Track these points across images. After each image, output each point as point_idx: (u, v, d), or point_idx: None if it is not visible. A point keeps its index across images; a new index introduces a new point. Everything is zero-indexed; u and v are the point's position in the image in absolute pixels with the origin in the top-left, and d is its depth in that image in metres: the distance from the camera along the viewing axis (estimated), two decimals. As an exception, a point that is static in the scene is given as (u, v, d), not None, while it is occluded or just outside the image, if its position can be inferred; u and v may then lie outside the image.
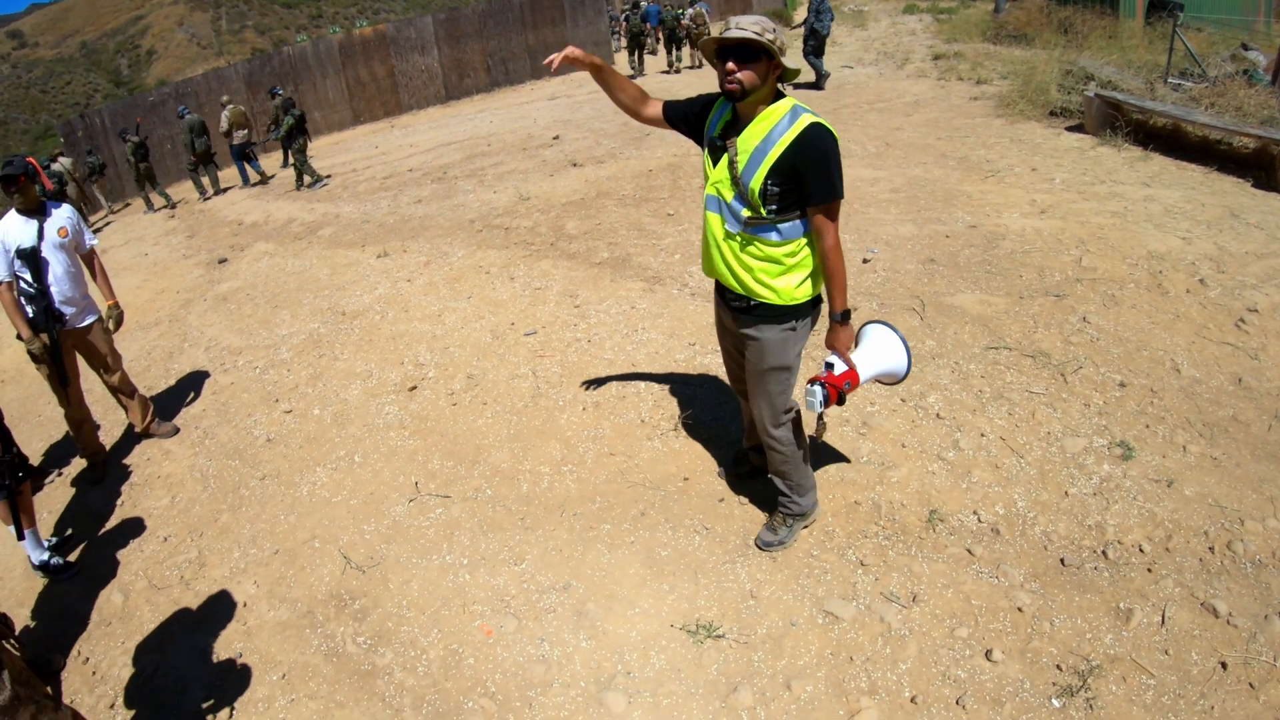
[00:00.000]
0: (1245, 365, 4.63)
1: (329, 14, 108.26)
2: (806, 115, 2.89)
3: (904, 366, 3.43)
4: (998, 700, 2.90)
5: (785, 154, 2.86)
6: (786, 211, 2.97)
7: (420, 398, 5.43)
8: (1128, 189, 7.33)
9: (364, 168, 14.08)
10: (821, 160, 2.86)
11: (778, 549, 3.67)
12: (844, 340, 3.23)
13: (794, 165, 2.87)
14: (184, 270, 10.02)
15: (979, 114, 10.92)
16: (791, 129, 2.86)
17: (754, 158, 2.92)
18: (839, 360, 3.24)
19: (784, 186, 2.91)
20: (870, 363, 3.35)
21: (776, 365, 3.27)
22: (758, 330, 3.23)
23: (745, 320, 3.26)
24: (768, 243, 3.05)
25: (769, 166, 2.89)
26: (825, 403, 3.14)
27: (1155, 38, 13.14)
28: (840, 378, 3.19)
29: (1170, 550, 3.43)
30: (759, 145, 2.91)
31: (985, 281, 5.86)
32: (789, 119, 2.89)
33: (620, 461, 4.46)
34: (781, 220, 2.99)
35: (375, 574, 3.91)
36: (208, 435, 5.51)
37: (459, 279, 7.36)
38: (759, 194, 2.93)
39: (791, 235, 3.02)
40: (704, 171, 3.19)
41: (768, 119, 2.92)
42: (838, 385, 3.16)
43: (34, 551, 4.29)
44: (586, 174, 10.16)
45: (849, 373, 3.22)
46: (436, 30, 21.33)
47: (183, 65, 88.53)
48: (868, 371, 3.33)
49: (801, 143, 2.85)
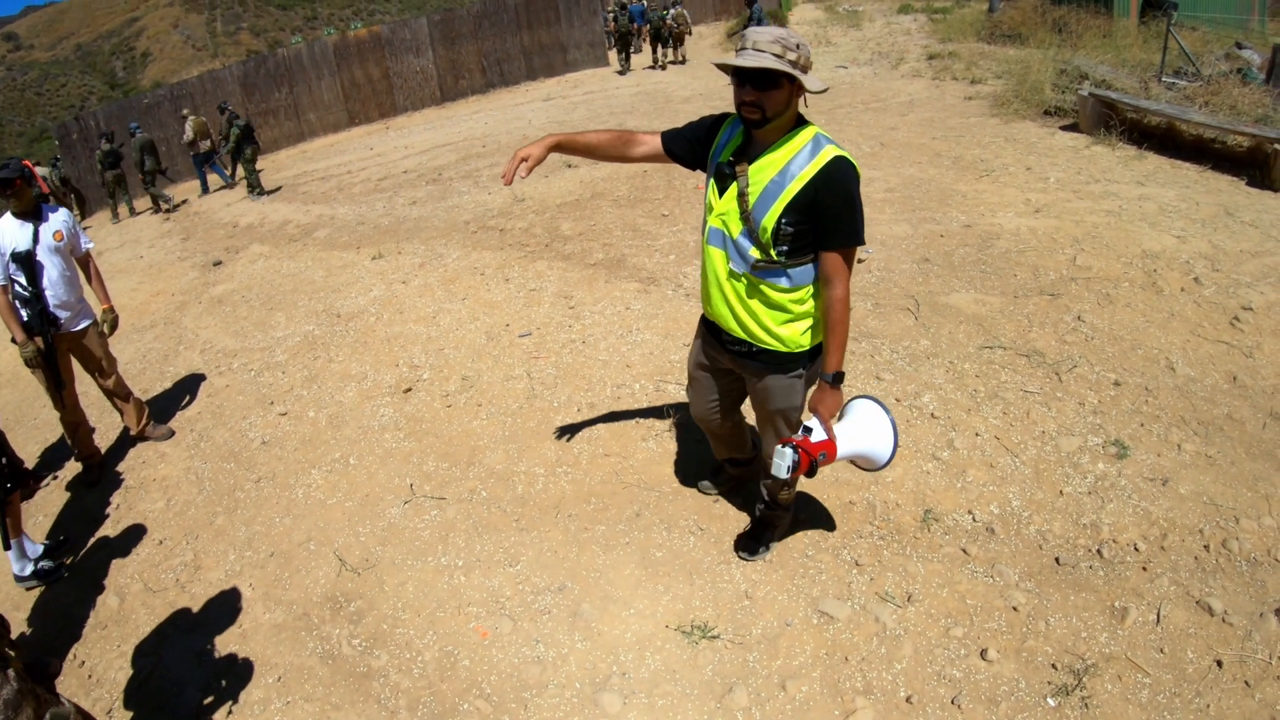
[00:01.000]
0: (1240, 363, 4.64)
1: (324, 16, 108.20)
2: (831, 147, 2.61)
3: (887, 455, 3.05)
4: (993, 699, 2.90)
5: (805, 190, 2.58)
6: (799, 255, 2.70)
7: (415, 400, 5.42)
8: (1122, 188, 7.34)
9: (359, 169, 14.08)
10: (846, 199, 2.60)
11: (756, 559, 3.62)
12: (830, 406, 2.89)
13: (813, 203, 2.59)
14: (179, 272, 10.00)
15: (974, 113, 10.93)
16: (813, 162, 2.59)
17: (768, 191, 2.64)
18: (819, 427, 2.89)
19: (799, 226, 2.63)
20: (852, 440, 2.99)
21: (784, 408, 3.07)
22: (762, 380, 3.02)
23: (748, 366, 3.03)
24: (776, 288, 2.77)
25: (785, 203, 2.60)
26: (794, 469, 2.78)
27: (1149, 37, 13.13)
28: (817, 446, 2.85)
29: (1165, 549, 3.43)
30: (775, 178, 2.63)
31: (980, 281, 5.87)
32: (810, 150, 2.61)
33: (615, 462, 4.45)
34: (793, 265, 2.72)
35: (370, 576, 3.91)
36: (203, 438, 5.50)
37: (454, 280, 7.36)
38: (771, 233, 2.65)
39: (801, 281, 2.76)
40: (706, 200, 2.90)
41: (787, 148, 2.64)
42: (811, 454, 2.81)
43: (16, 563, 4.25)
44: (581, 175, 10.16)
45: (827, 443, 2.88)
46: (431, 32, 21.33)
47: (178, 67, 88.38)
48: (847, 448, 2.97)
49: (824, 179, 2.58)
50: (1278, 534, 3.43)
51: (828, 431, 2.89)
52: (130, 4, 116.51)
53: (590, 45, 23.12)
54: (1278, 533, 3.44)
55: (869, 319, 5.49)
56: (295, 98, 20.11)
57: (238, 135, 14.47)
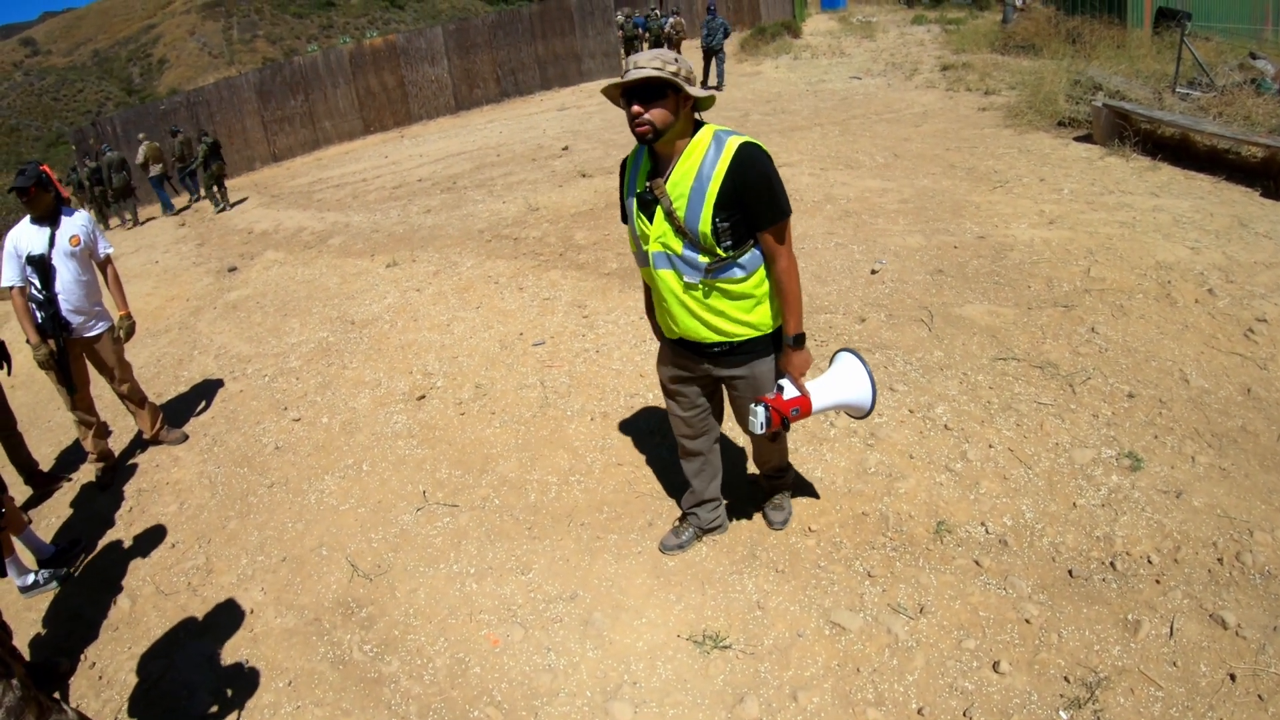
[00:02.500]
0: (1254, 375, 4.62)
1: (340, 24, 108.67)
2: (734, 138, 2.77)
3: (867, 400, 3.21)
4: (1005, 712, 2.89)
5: (724, 184, 2.73)
6: (741, 244, 2.86)
7: (428, 407, 5.44)
8: (1136, 199, 7.31)
9: (374, 177, 14.16)
10: (763, 180, 2.76)
11: (790, 517, 3.89)
12: (797, 365, 3.08)
13: (735, 193, 2.74)
14: (194, 278, 10.07)
15: (987, 124, 10.92)
16: (723, 157, 2.74)
17: (693, 199, 2.77)
18: (790, 384, 3.09)
19: (732, 219, 2.78)
20: (828, 392, 3.17)
21: None
22: (746, 369, 3.13)
23: (732, 362, 3.14)
24: (732, 281, 2.92)
25: (712, 203, 2.75)
26: (767, 425, 3.00)
27: (1163, 47, 13.11)
28: (788, 403, 3.05)
29: (1179, 561, 3.41)
30: (694, 185, 2.77)
31: (994, 292, 5.86)
32: (715, 147, 2.77)
33: (628, 472, 4.46)
34: (740, 254, 2.87)
35: (382, 582, 3.92)
36: (216, 442, 5.53)
37: (468, 289, 7.39)
38: (711, 235, 2.79)
39: (753, 266, 2.91)
40: (636, 234, 3.04)
41: (693, 154, 2.79)
42: (783, 411, 3.03)
43: (16, 577, 4.27)
44: (596, 184, 10.19)
45: (800, 399, 3.07)
46: (446, 41, 21.45)
47: (194, 74, 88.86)
48: (824, 400, 3.15)
49: (737, 168, 2.73)
50: (1292, 548, 3.41)
51: (799, 388, 3.08)
52: (147, 11, 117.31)
53: (605, 55, 23.22)
54: (1293, 547, 3.42)
55: (882, 330, 5.48)
56: (311, 105, 20.23)
57: (205, 152, 15.21)
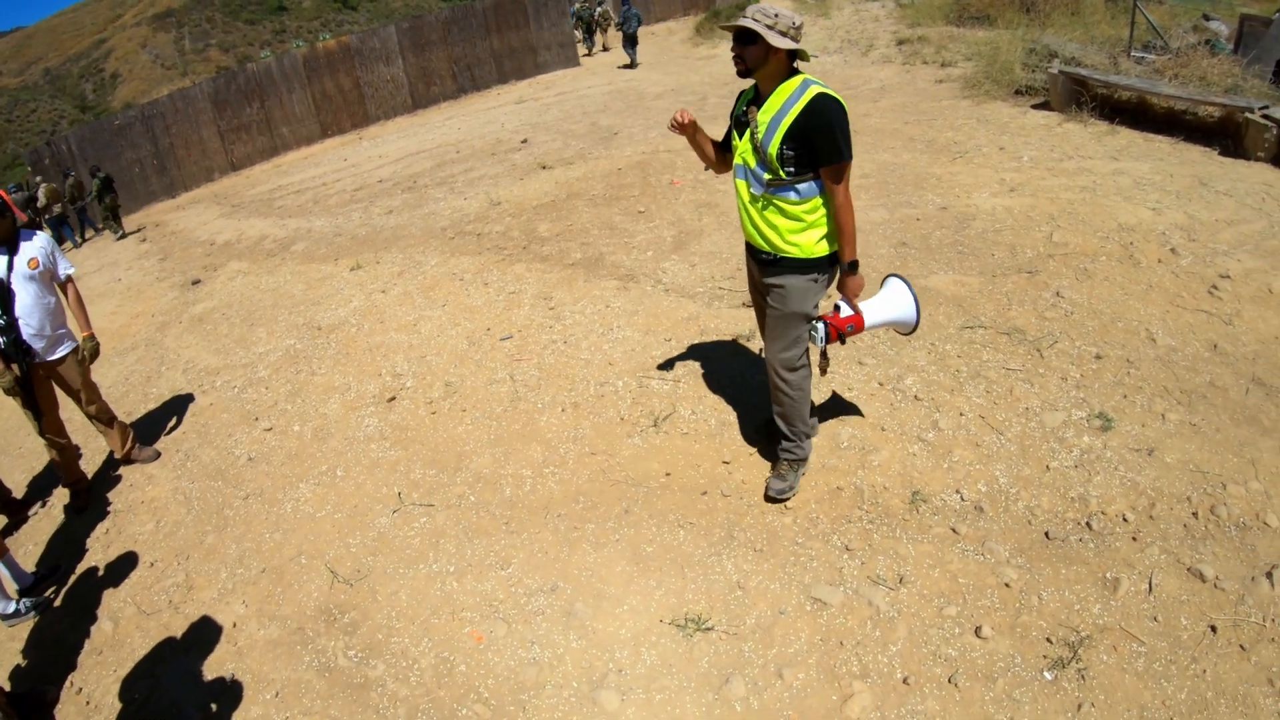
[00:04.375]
0: (1220, 331, 4.67)
1: (292, 29, 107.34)
2: (815, 86, 3.23)
3: (912, 316, 3.66)
4: (990, 676, 2.92)
5: (797, 121, 3.20)
6: (802, 173, 3.30)
7: (400, 408, 5.41)
8: (1096, 163, 7.37)
9: (334, 181, 14.00)
10: (827, 126, 3.18)
11: (788, 494, 3.92)
12: (852, 287, 3.53)
13: (804, 131, 3.20)
14: (158, 293, 9.94)
15: (945, 96, 10.97)
16: (801, 99, 3.21)
17: (770, 126, 3.27)
18: (846, 305, 3.54)
19: (798, 150, 3.24)
20: (879, 310, 3.61)
21: (797, 311, 3.56)
22: (783, 279, 3.53)
23: (772, 271, 3.57)
24: (788, 201, 3.38)
25: (783, 132, 3.23)
26: (826, 339, 3.49)
27: (1117, 12, 13.23)
28: (844, 320, 3.50)
29: (1154, 518, 3.45)
30: (775, 115, 3.26)
31: (958, 262, 5.89)
32: (799, 91, 3.23)
33: (602, 460, 4.46)
34: (798, 180, 3.32)
35: (363, 586, 3.90)
36: (189, 457, 5.47)
37: (433, 287, 7.34)
38: (776, 157, 3.27)
39: (809, 195, 3.36)
40: (733, 145, 3.57)
41: (782, 93, 3.28)
42: (840, 326, 3.49)
43: None
44: (556, 176, 10.15)
45: (854, 316, 3.52)
46: (400, 39, 21.19)
47: (148, 87, 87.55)
48: (875, 318, 3.59)
49: (810, 111, 3.19)
50: (1265, 498, 3.46)
51: (853, 308, 3.54)
52: (97, 26, 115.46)
53: (560, 46, 23.03)
54: (1265, 497, 3.47)
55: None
56: (267, 112, 19.94)
57: (98, 186, 15.86)
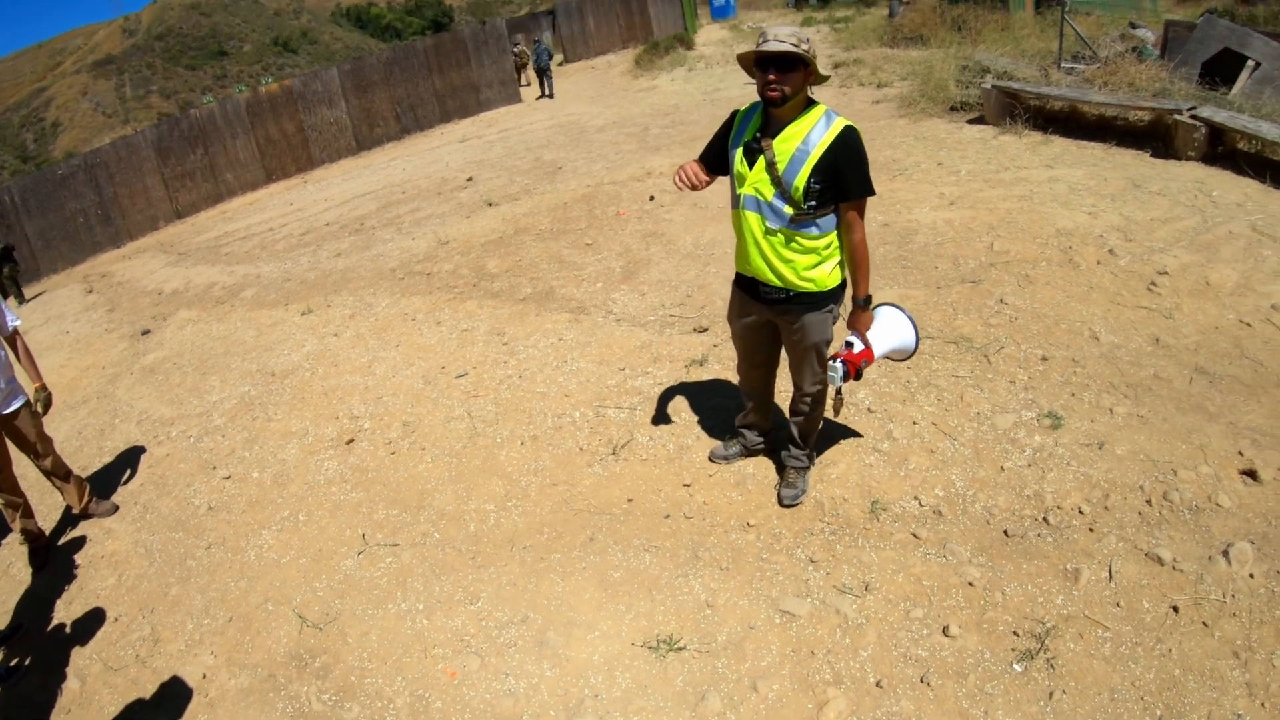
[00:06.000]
0: (1161, 325, 4.82)
1: (234, 73, 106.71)
2: (840, 119, 3.19)
3: (913, 343, 3.71)
4: (960, 673, 2.97)
5: (826, 154, 3.13)
6: (824, 207, 3.25)
7: (358, 450, 5.37)
8: (1032, 172, 7.58)
9: (281, 225, 13.88)
10: (859, 160, 3.17)
11: (801, 499, 3.98)
12: (865, 323, 3.53)
13: (834, 164, 3.14)
14: (108, 345, 9.76)
15: (883, 116, 11.20)
16: (829, 131, 3.15)
17: (795, 159, 3.18)
18: (858, 340, 3.52)
19: (824, 184, 3.18)
20: (883, 341, 3.62)
21: (818, 340, 3.57)
22: (801, 317, 3.50)
23: (787, 308, 3.52)
24: (808, 236, 3.31)
25: (812, 166, 3.15)
26: (845, 377, 3.45)
27: (1046, 26, 13.61)
28: (859, 355, 3.49)
29: (1109, 508, 3.55)
30: (799, 147, 3.17)
31: (903, 276, 6.02)
32: (825, 122, 3.17)
33: (563, 491, 4.47)
34: (820, 215, 3.27)
35: (333, 630, 3.86)
36: (148, 509, 5.38)
37: (386, 329, 7.32)
38: (802, 191, 3.18)
39: (828, 228, 3.32)
40: (736, 174, 3.42)
41: (804, 123, 3.19)
42: (856, 362, 3.46)
43: None
44: (503, 212, 10.19)
45: (866, 351, 3.51)
46: (343, 81, 21.12)
47: (90, 135, 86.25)
48: (881, 349, 3.60)
49: (841, 144, 3.14)
50: (1215, 480, 3.57)
51: (865, 342, 3.53)
52: (36, 74, 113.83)
53: (502, 83, 23.07)
54: (1215, 479, 3.58)
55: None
56: (211, 158, 19.74)
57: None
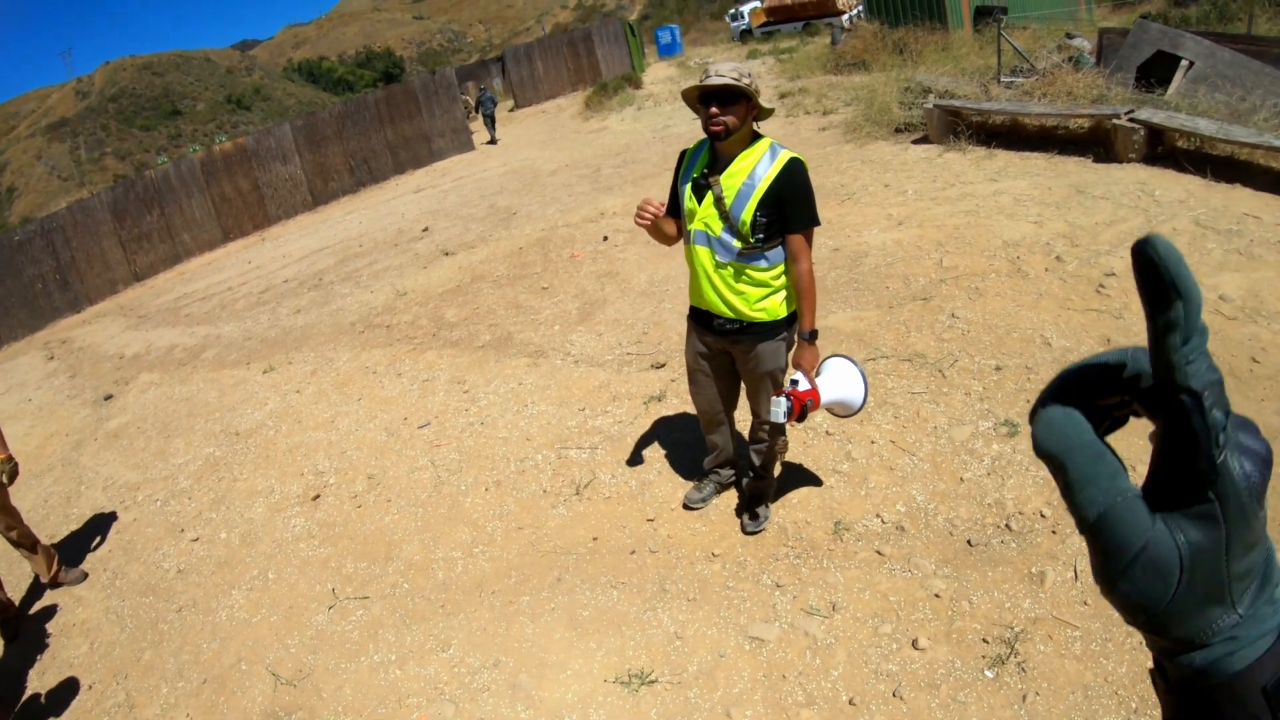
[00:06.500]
0: (1111, 326, 4.93)
1: (188, 132, 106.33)
2: (785, 151, 3.26)
3: (860, 398, 3.48)
4: (932, 684, 3.00)
5: (771, 188, 3.18)
6: (772, 239, 3.28)
7: (325, 505, 5.35)
8: (977, 187, 7.74)
9: (239, 284, 13.82)
10: (804, 192, 3.23)
11: (764, 525, 3.99)
12: (809, 359, 3.46)
13: (778, 197, 3.19)
14: (70, 411, 9.65)
15: (829, 142, 11.40)
16: (775, 164, 3.20)
17: (741, 193, 3.22)
18: (804, 378, 3.39)
19: (770, 217, 3.22)
20: (832, 389, 3.45)
21: (772, 369, 3.57)
22: (755, 346, 3.52)
23: (740, 339, 3.54)
24: (758, 269, 3.35)
25: (758, 200, 3.19)
26: (789, 415, 3.26)
27: (984, 43, 13.90)
28: (804, 394, 3.33)
29: (1070, 510, 3.60)
30: (745, 181, 3.22)
31: (854, 298, 6.12)
32: (770, 156, 3.23)
33: (529, 534, 4.48)
34: (769, 248, 3.30)
35: (306, 685, 3.83)
36: (117, 575, 5.31)
37: (347, 383, 7.32)
38: (750, 225, 3.23)
39: (776, 260, 3.35)
40: (686, 211, 3.45)
41: (750, 157, 3.25)
42: (801, 400, 3.29)
43: None
44: (459, 261, 10.24)
45: (812, 391, 3.36)
46: (295, 137, 21.10)
47: (45, 200, 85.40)
48: (829, 395, 3.43)
49: (786, 177, 3.19)
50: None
51: (810, 382, 3.39)
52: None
53: (454, 132, 23.07)
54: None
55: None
56: (167, 219, 19.61)
57: None
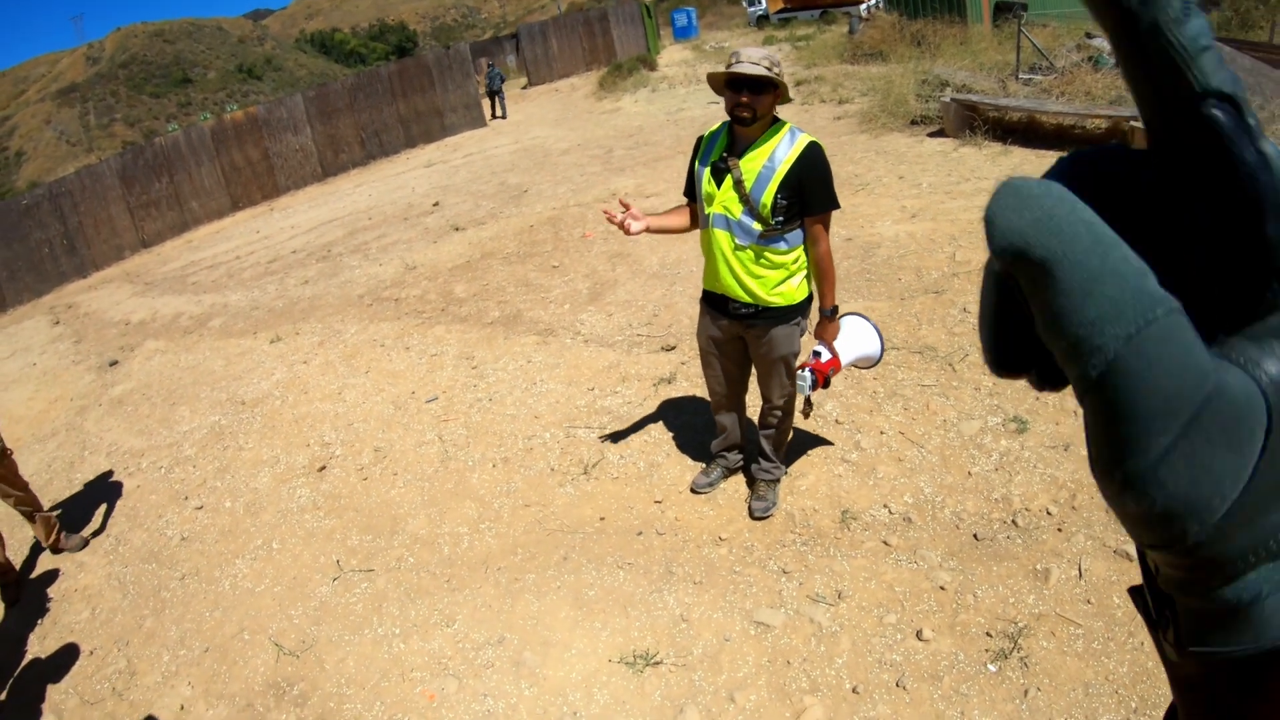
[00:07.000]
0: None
1: (198, 100, 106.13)
2: (804, 135, 3.31)
3: (878, 351, 3.74)
4: (935, 676, 3.01)
5: (791, 171, 3.23)
6: (791, 222, 3.33)
7: (330, 477, 5.36)
8: (992, 183, 7.69)
9: (247, 254, 13.80)
10: (823, 174, 3.28)
11: (772, 511, 4.02)
12: (831, 333, 3.57)
13: (799, 179, 3.23)
14: (75, 376, 9.66)
15: (844, 132, 11.36)
16: (795, 147, 3.25)
17: (762, 176, 3.27)
18: (825, 349, 3.58)
19: (790, 200, 3.26)
20: (849, 349, 3.65)
21: (786, 353, 3.65)
22: (770, 331, 3.58)
23: (756, 323, 3.59)
24: (777, 252, 3.40)
25: (778, 183, 3.24)
26: (813, 386, 3.51)
27: (1003, 38, 13.81)
28: (826, 365, 3.55)
29: (1076, 508, 3.62)
30: (765, 164, 3.26)
31: (866, 289, 6.11)
32: (789, 139, 3.28)
33: (536, 511, 4.49)
34: (788, 230, 3.35)
35: (309, 657, 3.84)
36: (120, 542, 5.33)
37: (355, 355, 7.32)
38: (770, 208, 3.27)
39: (795, 243, 3.41)
40: (704, 194, 3.48)
41: (770, 141, 3.29)
42: (824, 371, 3.53)
43: None
44: (469, 237, 10.23)
45: (833, 360, 3.57)
46: (307, 108, 21.02)
47: (53, 165, 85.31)
48: (848, 357, 3.64)
49: (805, 160, 3.24)
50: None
51: (832, 351, 3.58)
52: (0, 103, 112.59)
53: (466, 108, 22.98)
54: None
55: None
56: (176, 186, 19.56)
57: None
